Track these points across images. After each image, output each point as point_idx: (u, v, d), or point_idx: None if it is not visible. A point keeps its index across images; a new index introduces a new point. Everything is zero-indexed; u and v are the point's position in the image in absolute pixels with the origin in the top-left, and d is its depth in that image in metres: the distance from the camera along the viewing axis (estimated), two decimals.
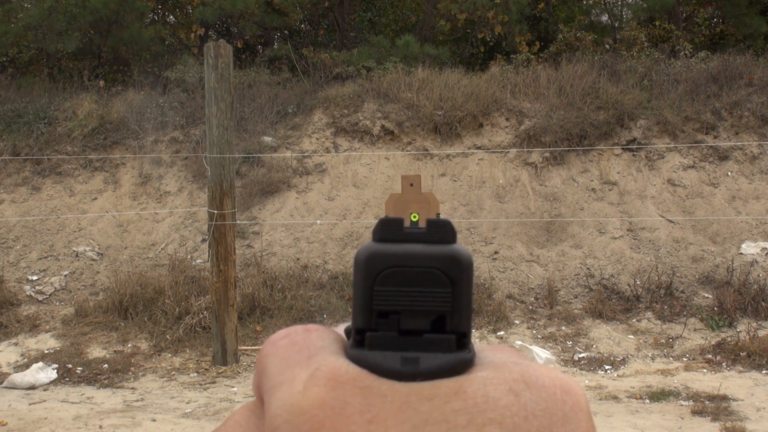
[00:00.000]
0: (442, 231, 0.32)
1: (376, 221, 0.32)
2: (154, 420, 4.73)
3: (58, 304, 7.33)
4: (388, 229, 0.32)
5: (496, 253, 7.71)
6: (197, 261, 7.64)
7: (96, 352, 6.40)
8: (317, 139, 9.02)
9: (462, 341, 0.31)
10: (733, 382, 5.47)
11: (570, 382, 0.29)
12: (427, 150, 8.76)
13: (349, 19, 14.10)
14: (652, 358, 6.15)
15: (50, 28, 11.26)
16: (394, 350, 0.30)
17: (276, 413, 0.28)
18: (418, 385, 0.28)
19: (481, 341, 6.49)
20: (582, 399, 0.29)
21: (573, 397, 0.29)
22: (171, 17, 14.71)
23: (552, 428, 0.28)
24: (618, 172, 8.42)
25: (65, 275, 7.68)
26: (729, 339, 6.20)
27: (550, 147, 8.56)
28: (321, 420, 0.27)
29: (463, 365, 0.30)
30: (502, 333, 6.66)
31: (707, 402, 5.03)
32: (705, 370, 5.80)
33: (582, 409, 0.29)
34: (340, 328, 0.34)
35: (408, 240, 0.31)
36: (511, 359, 0.30)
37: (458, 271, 0.31)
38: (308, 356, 0.30)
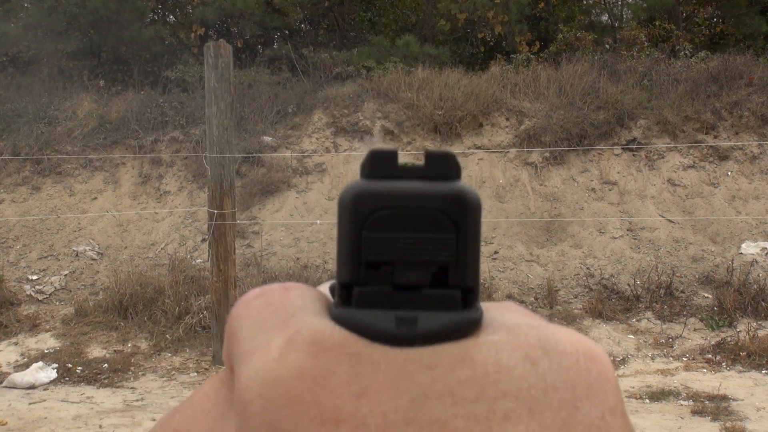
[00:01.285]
0: (443, 166, 0.28)
1: (365, 154, 0.27)
2: (154, 420, 4.73)
3: (58, 303, 7.33)
4: (380, 163, 0.27)
5: (496, 253, 7.71)
6: (197, 261, 7.64)
7: (96, 351, 6.40)
8: (317, 138, 9.02)
9: (468, 298, 0.26)
10: (733, 382, 5.47)
11: (594, 348, 0.25)
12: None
13: (349, 19, 14.10)
14: (652, 358, 6.15)
15: (50, 28, 11.26)
16: (387, 308, 0.25)
17: (247, 385, 0.24)
18: (417, 351, 0.24)
19: None
20: (608, 367, 0.25)
21: (598, 365, 0.25)
22: (171, 17, 14.71)
23: (576, 402, 0.24)
24: (618, 172, 8.42)
25: (65, 275, 7.68)
26: (729, 339, 6.20)
27: (550, 147, 8.56)
28: (300, 392, 0.23)
29: (470, 327, 0.25)
30: None
31: (707, 402, 5.03)
32: (705, 370, 5.80)
33: (609, 378, 0.25)
34: (325, 287, 0.30)
35: (403, 176, 0.26)
36: (525, 320, 0.27)
37: (464, 213, 0.26)
38: (286, 318, 0.26)
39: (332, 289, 0.28)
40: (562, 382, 0.24)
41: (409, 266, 0.26)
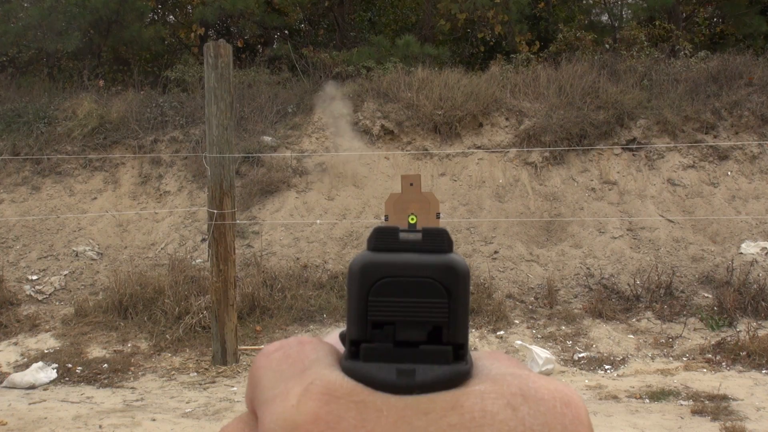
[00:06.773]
0: (437, 240, 0.31)
1: (371, 230, 0.32)
2: (154, 420, 4.73)
3: (57, 303, 7.33)
4: (383, 238, 0.31)
5: (496, 252, 7.71)
6: (197, 261, 7.64)
7: (96, 351, 6.40)
8: (317, 138, 9.02)
9: (459, 352, 0.30)
10: (733, 382, 5.47)
11: (570, 394, 0.28)
12: (426, 150, 8.76)
13: (349, 19, 14.10)
14: (652, 358, 6.15)
15: (50, 28, 11.26)
16: (389, 362, 0.29)
17: (270, 427, 0.27)
18: (414, 399, 0.28)
19: (480, 341, 6.49)
20: (582, 411, 0.28)
21: (573, 410, 0.28)
22: (171, 17, 14.71)
23: None
24: (618, 172, 8.42)
25: (65, 275, 7.68)
26: (729, 339, 6.20)
27: (550, 147, 8.56)
28: None
29: (460, 377, 0.29)
30: (502, 333, 6.66)
31: (707, 402, 5.03)
32: (705, 370, 5.80)
33: (582, 422, 0.28)
34: (335, 333, 0.34)
35: (403, 249, 0.31)
36: (510, 370, 0.29)
37: (454, 281, 0.30)
38: (302, 369, 0.29)
39: (342, 336, 0.33)
40: (539, 425, 0.27)
41: (409, 326, 0.30)
